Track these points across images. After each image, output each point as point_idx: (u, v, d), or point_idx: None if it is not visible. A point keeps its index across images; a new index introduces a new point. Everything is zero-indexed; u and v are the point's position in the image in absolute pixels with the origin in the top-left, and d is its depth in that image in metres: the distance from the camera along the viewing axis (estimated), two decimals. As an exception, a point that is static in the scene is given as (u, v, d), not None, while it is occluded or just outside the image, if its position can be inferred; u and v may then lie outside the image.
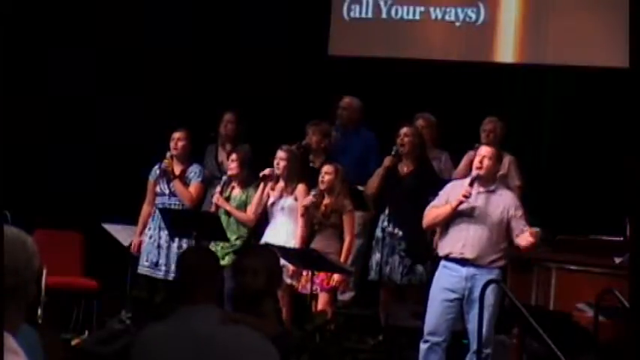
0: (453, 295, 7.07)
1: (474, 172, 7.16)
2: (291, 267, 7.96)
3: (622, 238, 7.45)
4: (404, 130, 8.43)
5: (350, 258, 8.12)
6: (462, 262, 7.06)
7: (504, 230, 7.09)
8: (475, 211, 7.09)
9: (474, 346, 7.00)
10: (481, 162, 7.15)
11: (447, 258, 7.15)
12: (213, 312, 3.77)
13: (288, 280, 8.04)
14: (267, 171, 8.37)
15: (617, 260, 7.12)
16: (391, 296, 8.46)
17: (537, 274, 7.52)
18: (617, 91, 8.96)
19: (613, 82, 9.13)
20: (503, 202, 7.13)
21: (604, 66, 9.43)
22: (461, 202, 7.06)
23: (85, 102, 10.36)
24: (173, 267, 8.29)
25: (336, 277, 7.91)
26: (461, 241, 7.07)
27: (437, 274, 7.22)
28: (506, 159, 9.04)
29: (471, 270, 7.03)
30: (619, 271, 6.88)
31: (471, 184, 7.11)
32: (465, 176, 8.50)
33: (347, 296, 8.66)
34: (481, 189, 7.14)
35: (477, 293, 6.95)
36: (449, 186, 7.32)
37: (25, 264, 2.53)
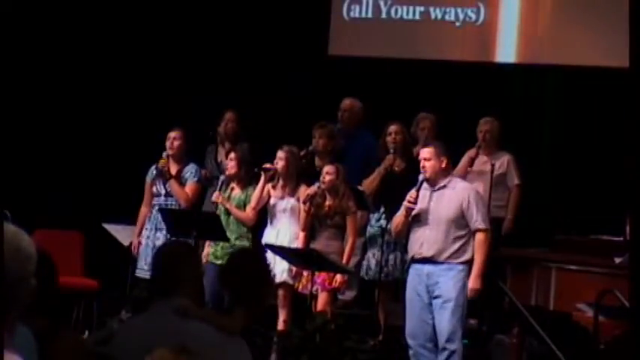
0: (423, 295, 7.15)
1: (420, 176, 7.23)
2: (293, 267, 7.97)
3: (622, 238, 7.45)
4: (393, 127, 8.50)
5: (352, 258, 8.14)
6: (423, 261, 7.16)
7: (462, 223, 7.13)
8: (429, 211, 7.17)
9: (440, 343, 7.06)
10: (423, 165, 7.20)
11: (412, 260, 7.28)
12: (176, 305, 3.80)
13: (290, 281, 8.04)
14: (268, 164, 8.35)
15: (617, 260, 7.12)
16: (389, 295, 8.47)
17: (537, 274, 7.52)
18: (616, 91, 8.95)
19: (613, 82, 9.13)
20: (457, 196, 7.18)
21: (604, 66, 9.42)
22: (409, 209, 7.16)
23: (84, 101, 10.37)
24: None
25: (338, 277, 7.91)
26: (419, 241, 7.19)
27: (408, 277, 7.35)
28: (505, 158, 9.06)
29: (431, 267, 7.13)
30: (619, 271, 6.87)
31: (418, 189, 7.18)
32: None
33: (348, 295, 8.66)
34: (433, 188, 7.20)
35: (438, 290, 7.08)
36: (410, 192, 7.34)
37: (20, 264, 2.51)
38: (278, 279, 7.98)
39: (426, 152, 7.24)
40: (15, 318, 2.51)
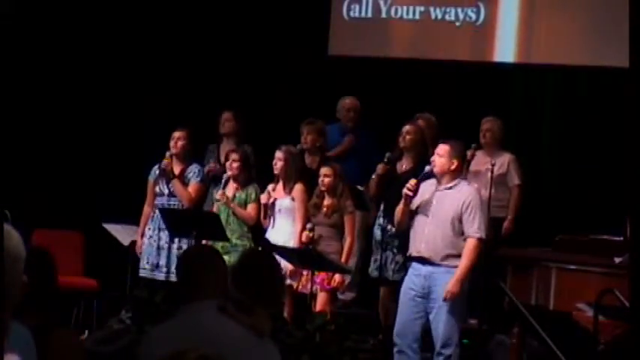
0: (416, 295, 7.12)
1: (427, 167, 7.23)
2: (290, 267, 7.96)
3: (622, 238, 7.45)
4: (406, 127, 8.48)
5: (351, 258, 8.13)
6: (421, 261, 7.13)
7: (461, 227, 7.10)
8: (432, 210, 7.15)
9: (436, 347, 7.05)
10: (433, 159, 7.20)
11: (411, 258, 7.25)
12: (215, 306, 3.77)
13: (289, 280, 8.04)
14: (264, 199, 8.32)
15: (617, 260, 7.12)
16: (390, 295, 8.47)
17: (537, 274, 7.52)
18: (617, 91, 8.96)
19: (613, 82, 9.13)
20: (459, 199, 7.14)
21: (604, 66, 9.42)
22: (407, 197, 7.14)
23: (84, 101, 10.37)
24: (174, 268, 8.26)
25: (337, 277, 7.91)
26: (419, 240, 7.17)
27: (406, 275, 7.31)
28: (506, 158, 9.06)
29: (429, 268, 7.10)
30: (619, 271, 6.88)
31: (420, 179, 7.18)
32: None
33: (347, 297, 8.66)
34: (440, 187, 7.19)
35: (435, 292, 7.04)
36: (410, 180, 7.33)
37: (8, 265, 2.49)
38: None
39: (440, 149, 7.23)
40: (8, 318, 2.50)
